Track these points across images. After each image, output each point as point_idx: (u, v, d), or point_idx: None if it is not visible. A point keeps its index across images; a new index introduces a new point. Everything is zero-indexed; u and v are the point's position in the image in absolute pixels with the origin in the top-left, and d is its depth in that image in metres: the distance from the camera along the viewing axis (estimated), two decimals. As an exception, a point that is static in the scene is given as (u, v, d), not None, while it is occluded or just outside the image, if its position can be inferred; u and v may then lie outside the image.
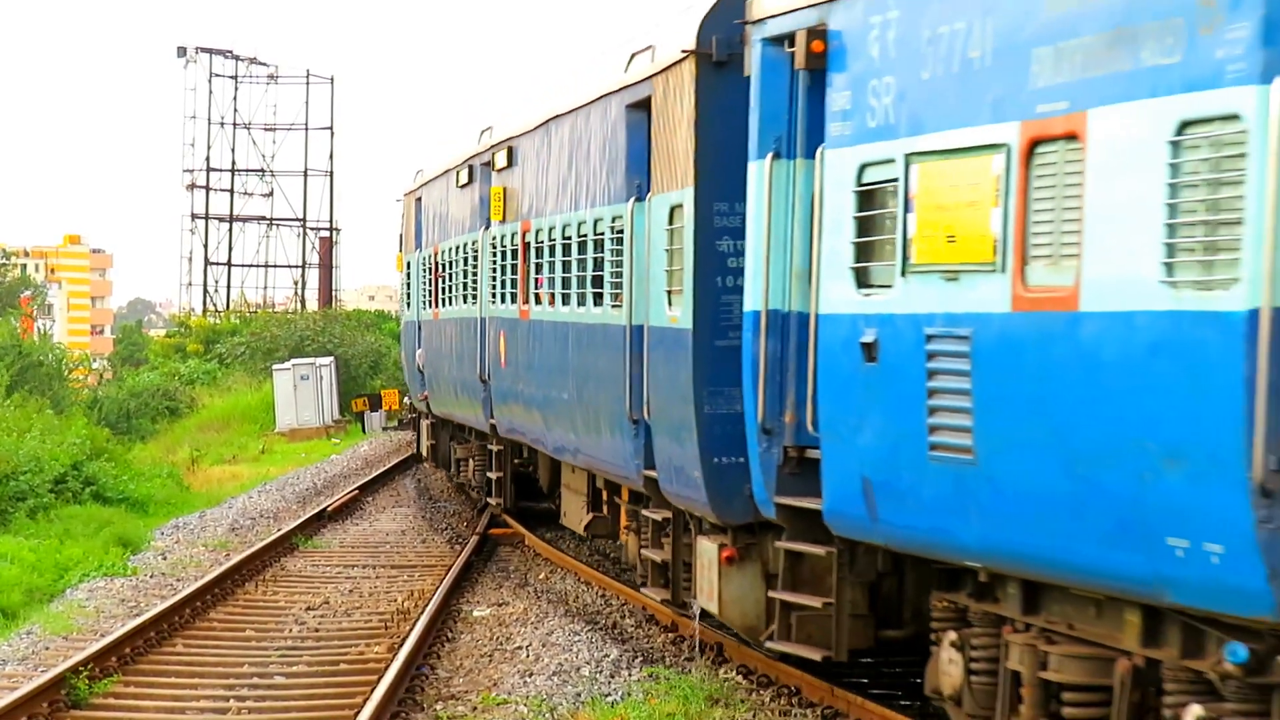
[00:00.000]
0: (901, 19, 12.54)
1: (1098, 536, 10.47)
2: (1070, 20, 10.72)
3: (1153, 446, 9.96)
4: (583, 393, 20.04)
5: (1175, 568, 9.86)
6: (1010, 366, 11.26)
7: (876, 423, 12.72)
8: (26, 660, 18.41)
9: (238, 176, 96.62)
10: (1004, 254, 11.30)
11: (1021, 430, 11.14)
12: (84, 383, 73.73)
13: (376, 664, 17.93)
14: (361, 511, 33.75)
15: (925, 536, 12.39)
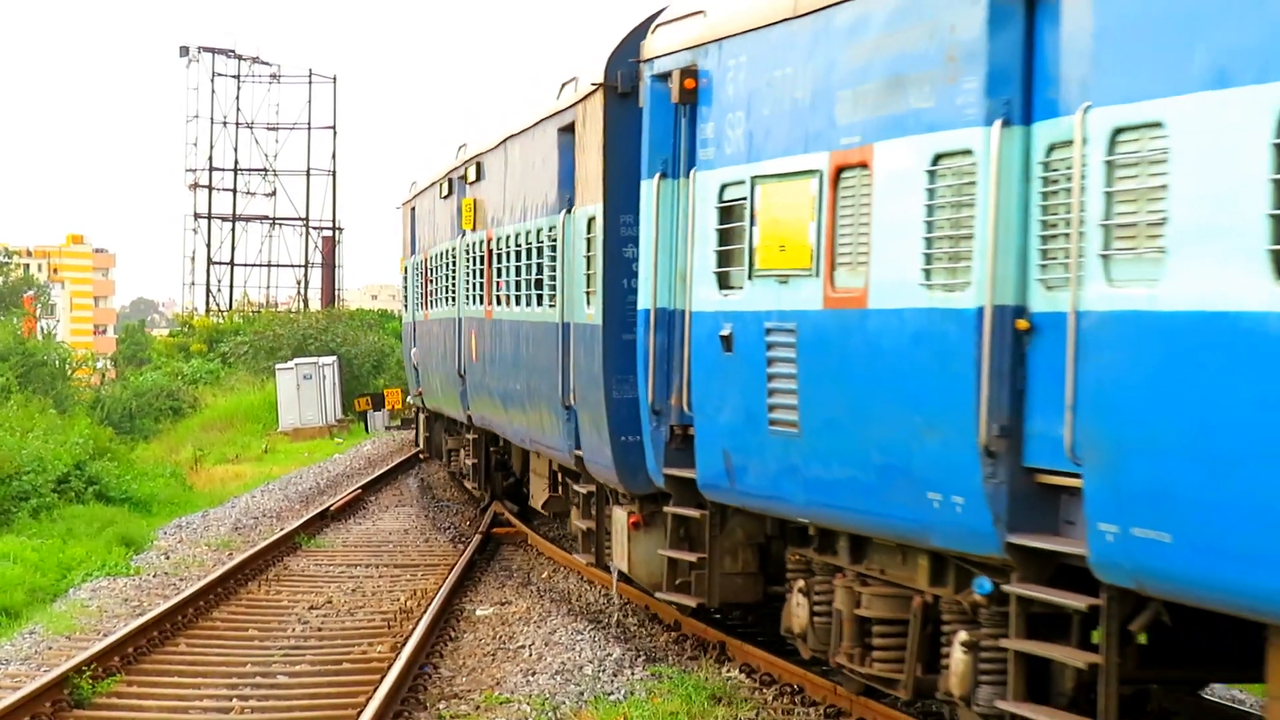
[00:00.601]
0: (749, 63, 15.03)
1: (885, 493, 12.88)
2: (863, 68, 13.09)
3: (917, 418, 12.34)
4: (531, 384, 22.35)
5: (934, 516, 12.29)
6: (822, 355, 13.69)
7: (732, 403, 15.16)
8: (29, 660, 18.42)
9: (240, 176, 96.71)
10: (818, 261, 13.75)
11: (830, 408, 13.59)
12: (87, 382, 73.78)
13: (379, 663, 17.93)
14: (364, 511, 33.75)
15: (768, 499, 14.92)
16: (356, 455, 47.51)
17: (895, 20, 12.72)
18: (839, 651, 14.30)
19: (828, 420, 13.63)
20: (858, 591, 13.96)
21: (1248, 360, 9.54)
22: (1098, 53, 10.73)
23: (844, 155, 13.44)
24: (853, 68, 13.28)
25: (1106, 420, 10.62)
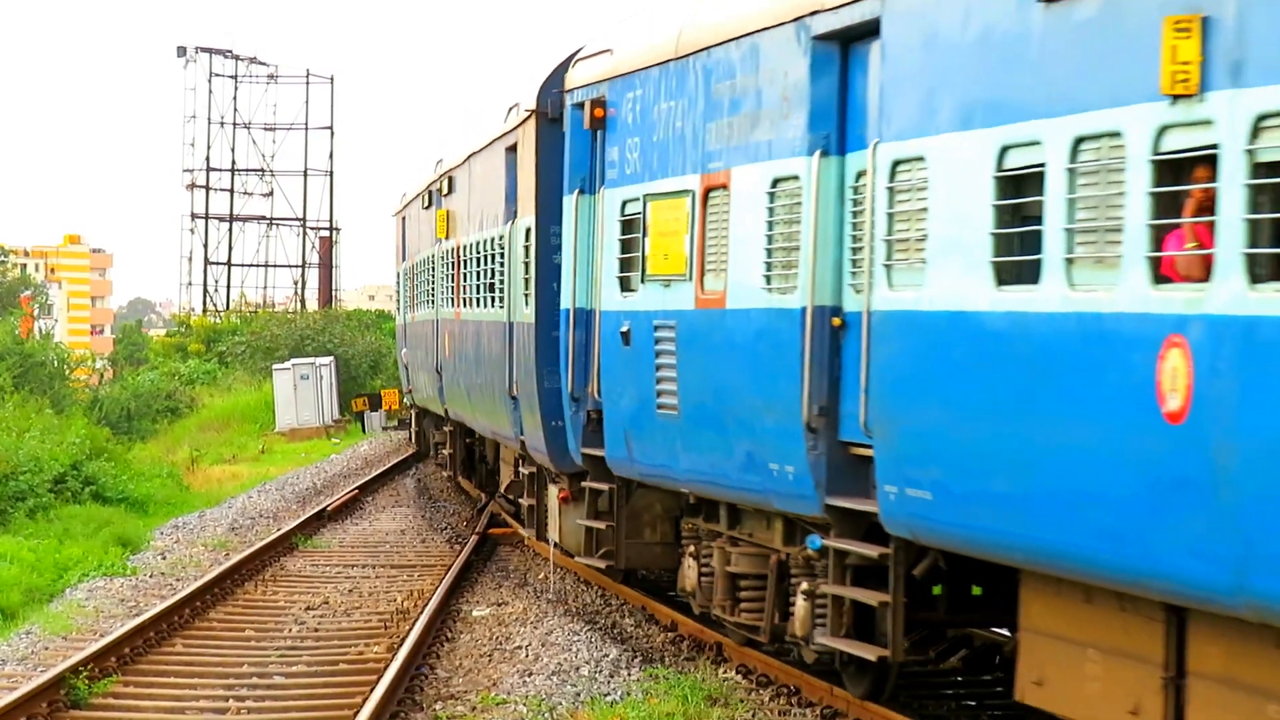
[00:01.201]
0: (643, 96, 17.49)
1: (741, 465, 15.29)
2: (726, 104, 15.61)
3: (761, 401, 14.83)
4: (488, 378, 24.86)
5: (775, 484, 14.70)
6: (694, 348, 16.20)
7: (631, 391, 17.61)
8: (26, 660, 18.42)
9: (238, 176, 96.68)
10: (691, 267, 16.23)
11: (700, 393, 16.07)
12: (85, 383, 73.75)
13: (376, 664, 17.93)
14: (361, 511, 33.77)
15: (658, 473, 17.40)
16: (353, 456, 47.52)
17: (747, 65, 15.25)
18: (716, 605, 16.65)
19: (699, 404, 16.16)
20: (729, 552, 16.44)
21: (976, 350, 11.97)
22: (884, 98, 13.21)
23: (711, 178, 15.97)
24: (718, 103, 15.81)
25: (886, 400, 13.10)
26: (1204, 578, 10.16)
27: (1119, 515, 10.76)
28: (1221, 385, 9.95)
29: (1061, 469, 11.25)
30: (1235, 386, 9.85)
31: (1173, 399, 10.26)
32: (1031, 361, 11.44)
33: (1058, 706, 12.18)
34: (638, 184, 17.52)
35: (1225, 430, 9.92)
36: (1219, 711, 10.70)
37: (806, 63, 14.27)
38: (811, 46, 14.25)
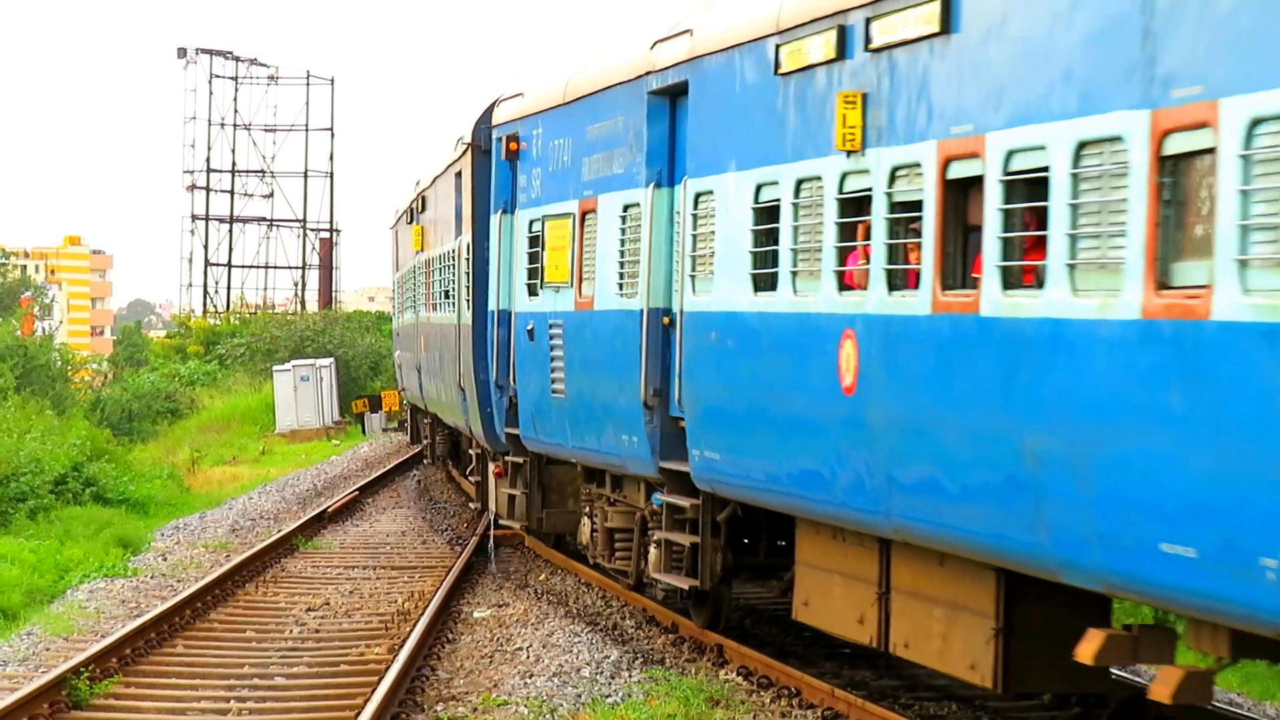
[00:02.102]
0: (543, 133, 21.38)
1: (606, 437, 18.86)
2: (595, 143, 19.36)
3: (616, 384, 18.37)
4: (446, 373, 28.80)
5: (627, 451, 18.32)
6: (574, 342, 19.91)
7: (534, 378, 21.36)
8: (27, 661, 18.42)
9: (238, 178, 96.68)
10: (573, 277, 19.91)
11: (579, 379, 19.76)
12: (87, 384, 73.78)
13: (377, 665, 17.93)
14: (362, 513, 33.77)
15: (555, 447, 21.09)
16: (354, 457, 47.53)
17: (609, 112, 18.95)
18: (600, 555, 20.33)
19: (579, 388, 19.82)
20: (608, 511, 19.88)
21: (741, 341, 15.66)
22: (690, 143, 16.85)
23: (585, 203, 19.67)
24: (591, 142, 19.51)
25: (691, 382, 16.79)
26: (867, 509, 13.66)
27: (825, 466, 14.20)
28: (874, 366, 13.42)
29: (791, 431, 14.85)
30: (881, 367, 13.32)
31: (847, 376, 13.84)
32: (772, 349, 15.11)
33: (817, 621, 15.67)
34: (539, 207, 21.37)
35: (876, 399, 13.40)
36: (908, 617, 14.10)
37: (645, 112, 17.94)
38: (648, 100, 17.91)
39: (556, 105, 20.83)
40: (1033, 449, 11.58)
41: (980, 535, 12.34)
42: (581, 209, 19.68)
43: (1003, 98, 12.01)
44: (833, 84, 13.97)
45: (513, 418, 22.56)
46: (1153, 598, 11.11)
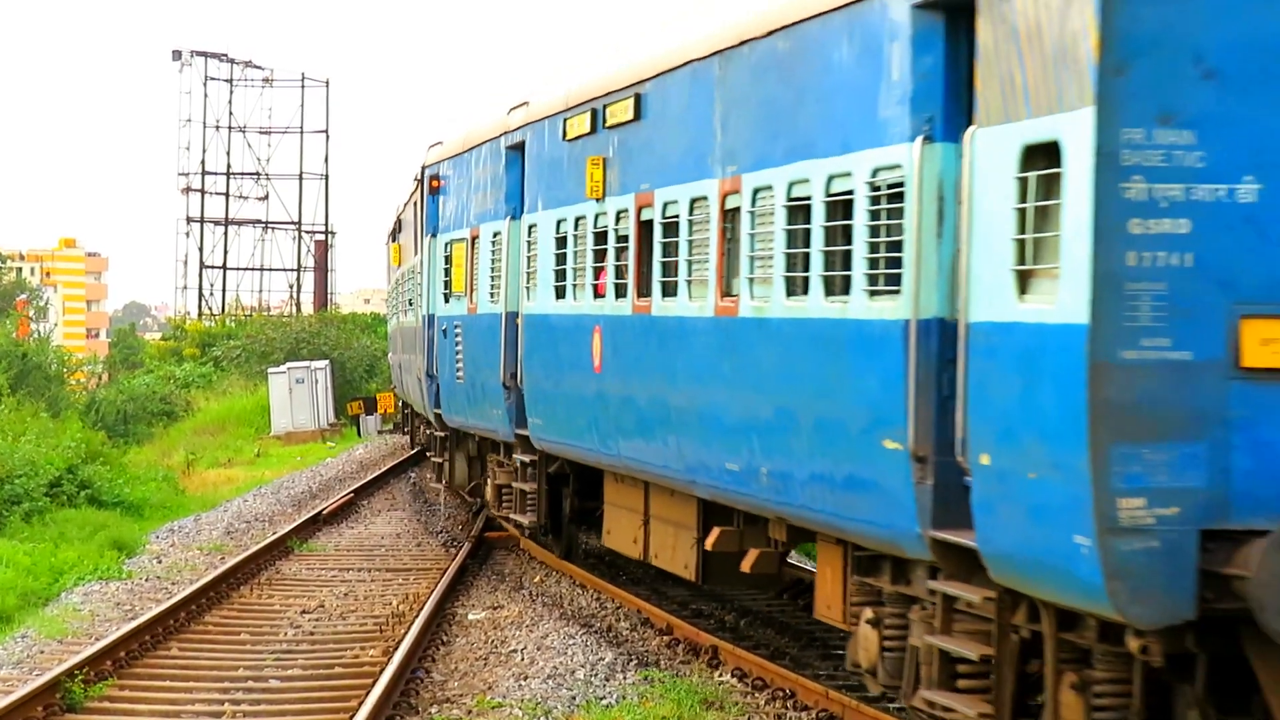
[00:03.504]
0: (453, 174, 26.99)
1: (486, 412, 24.27)
2: (479, 183, 24.82)
3: (488, 369, 23.76)
4: (411, 368, 33.54)
5: (496, 423, 23.76)
6: (468, 339, 25.35)
7: (447, 368, 27.00)
8: (21, 664, 18.40)
9: (233, 180, 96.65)
10: (467, 288, 25.55)
11: (471, 367, 25.13)
12: (84, 386, 73.72)
13: (371, 667, 17.93)
14: (357, 515, 33.76)
15: (462, 422, 26.73)
16: (349, 459, 47.50)
17: (485, 159, 24.50)
18: (497, 507, 25.27)
19: (471, 374, 25.17)
20: (497, 471, 24.82)
21: (547, 335, 20.96)
22: (526, 186, 22.23)
23: (473, 230, 25.09)
24: (476, 182, 25.04)
25: (526, 367, 21.84)
26: (606, 453, 19.17)
27: (592, 427, 19.44)
28: (608, 350, 18.66)
29: (572, 400, 20.20)
30: (611, 351, 18.59)
31: (596, 359, 19.02)
32: (563, 341, 20.38)
33: (614, 545, 20.60)
34: (449, 232, 26.98)
35: (609, 373, 18.62)
36: (657, 535, 18.93)
37: (503, 162, 23.32)
38: (505, 153, 23.21)
39: (459, 152, 26.49)
40: (671, 402, 16.92)
41: (656, 466, 17.61)
42: (471, 235, 25.28)
43: (659, 166, 17.46)
44: (588, 150, 19.45)
45: (439, 400, 28.26)
46: (728, 502, 16.10)
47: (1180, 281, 10.01)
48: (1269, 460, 10.04)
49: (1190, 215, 10.01)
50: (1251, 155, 10.00)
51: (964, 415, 11.37)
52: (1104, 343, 10.01)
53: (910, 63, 12.22)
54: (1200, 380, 10.04)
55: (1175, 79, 9.95)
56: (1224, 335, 10.05)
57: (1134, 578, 9.94)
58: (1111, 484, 9.99)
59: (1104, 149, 9.99)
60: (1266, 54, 9.98)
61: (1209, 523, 10.00)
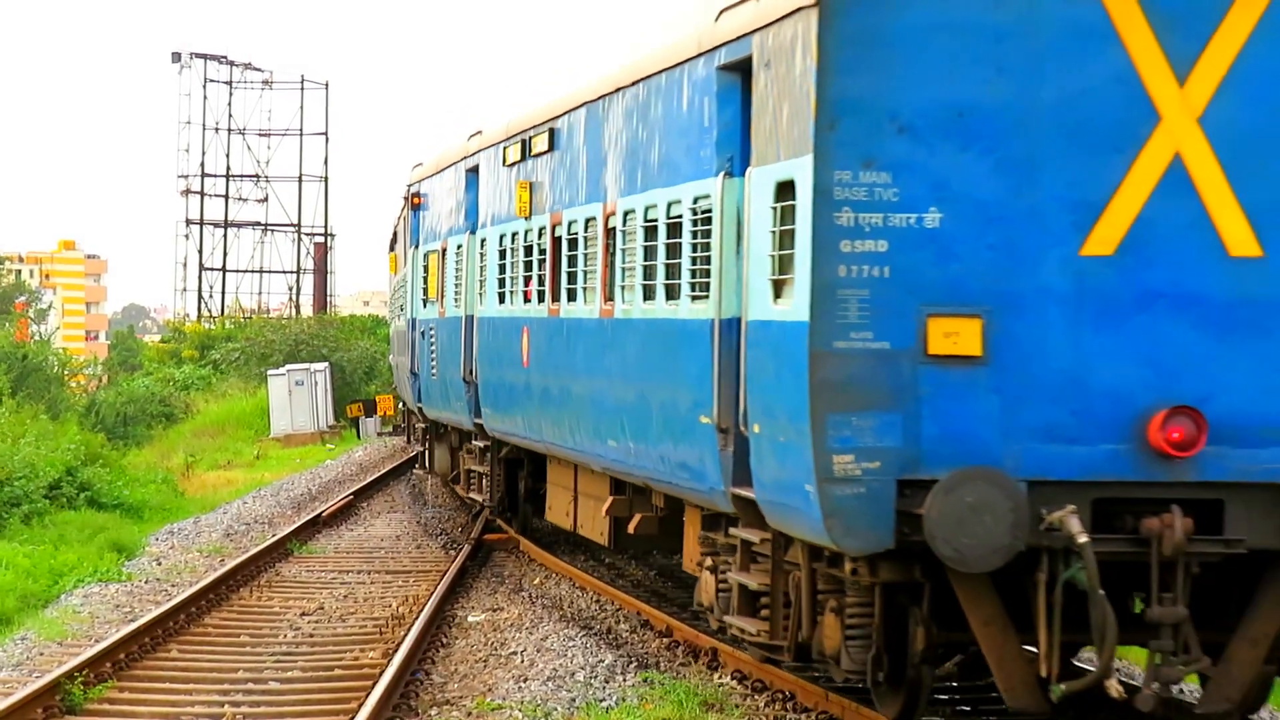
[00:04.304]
0: (430, 191, 30.15)
1: (449, 402, 27.64)
2: (447, 201, 27.99)
3: (451, 364, 26.77)
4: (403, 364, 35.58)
5: (460, 412, 26.45)
6: (439, 338, 28.41)
7: (425, 365, 30.25)
8: (21, 666, 18.40)
9: (232, 182, 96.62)
10: (440, 295, 28.32)
11: (441, 363, 28.13)
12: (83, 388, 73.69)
13: (371, 669, 17.93)
14: (356, 517, 33.76)
15: (437, 414, 29.88)
16: (348, 461, 47.51)
17: (450, 179, 27.87)
18: (466, 489, 28.94)
19: (441, 369, 28.21)
20: (462, 455, 28.85)
21: (491, 334, 24.14)
22: (481, 204, 25.26)
23: (443, 243, 28.23)
24: (445, 200, 28.43)
25: (479, 363, 25.10)
26: (533, 437, 22.24)
27: (524, 414, 22.57)
28: (533, 348, 21.72)
29: (511, 392, 23.22)
30: (534, 348, 21.66)
31: (524, 356, 22.12)
32: (502, 340, 23.51)
33: (554, 519, 23.36)
34: (427, 244, 30.11)
35: (536, 371, 21.64)
36: (583, 508, 21.41)
37: (464, 183, 26.43)
38: (465, 175, 26.37)
39: (433, 173, 29.61)
40: (574, 391, 19.77)
41: (569, 447, 20.46)
42: (442, 247, 28.20)
43: (566, 191, 20.37)
44: (519, 174, 22.54)
45: (420, 395, 31.48)
46: (615, 474, 19.11)
47: (880, 288, 12.75)
48: (948, 426, 12.80)
49: (887, 237, 12.76)
50: (934, 191, 12.79)
51: (745, 394, 14.39)
52: (821, 336, 12.78)
53: (716, 113, 15.27)
54: (896, 364, 12.78)
55: (875, 133, 12.78)
56: (914, 329, 12.77)
57: (845, 516, 12.75)
58: (828, 445, 12.75)
59: (820, 186, 12.78)
60: (945, 115, 12.83)
61: (904, 474, 12.74)
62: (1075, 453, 13.01)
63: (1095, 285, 13.08)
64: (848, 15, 12.97)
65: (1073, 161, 13.06)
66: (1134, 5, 13.13)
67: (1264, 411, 13.16)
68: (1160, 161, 13.16)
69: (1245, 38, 13.19)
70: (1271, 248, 13.19)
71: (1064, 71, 13.06)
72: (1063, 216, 13.06)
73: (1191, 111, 13.18)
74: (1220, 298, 13.17)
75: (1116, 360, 13.09)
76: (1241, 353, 13.20)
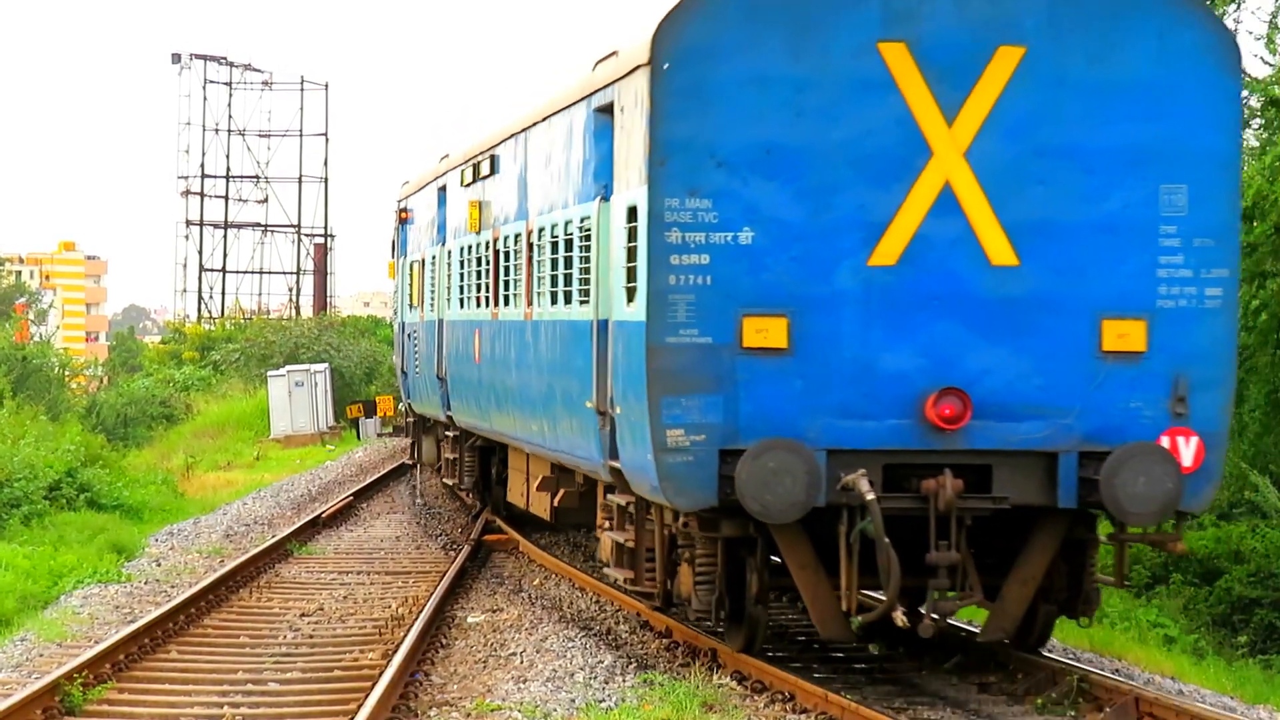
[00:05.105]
0: (417, 207, 32.39)
1: (428, 398, 31.12)
2: (424, 217, 31.39)
3: (429, 365, 30.20)
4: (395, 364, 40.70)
5: (435, 405, 30.31)
6: (420, 340, 31.53)
7: (410, 363, 33.35)
8: (21, 667, 18.40)
9: (232, 183, 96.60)
10: (420, 300, 31.67)
11: (420, 362, 31.49)
12: (83, 389, 73.67)
13: (371, 670, 17.92)
14: (356, 518, 33.76)
15: (421, 406, 32.79)
16: (348, 462, 47.51)
17: (425, 198, 30.96)
18: (444, 476, 32.62)
19: (420, 368, 31.44)
20: (438, 439, 32.30)
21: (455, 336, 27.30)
22: (447, 220, 28.00)
23: (422, 254, 31.47)
24: (422, 216, 31.56)
25: (447, 361, 28.01)
26: (485, 425, 25.29)
27: (478, 405, 25.30)
28: (485, 347, 24.20)
29: (469, 386, 25.96)
30: (485, 348, 24.15)
31: (477, 354, 24.82)
32: (461, 340, 26.23)
33: (512, 499, 25.94)
34: (411, 256, 33.27)
35: (486, 367, 24.13)
36: (534, 491, 23.22)
37: (436, 200, 29.55)
38: (437, 193, 29.28)
39: (415, 191, 32.62)
40: (509, 384, 22.67)
41: (508, 433, 23.41)
42: (422, 258, 31.44)
43: (504, 210, 23.35)
44: (472, 194, 25.39)
45: (409, 392, 34.62)
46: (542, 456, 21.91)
47: (703, 294, 15.72)
48: (761, 406, 15.72)
49: (709, 252, 15.72)
50: (747, 214, 15.74)
51: (611, 382, 17.24)
52: (656, 332, 15.78)
53: (594, 147, 18.22)
54: (718, 356, 15.74)
55: (698, 168, 15.70)
56: (732, 327, 15.73)
57: (677, 480, 15.73)
58: (662, 421, 15.73)
59: (654, 211, 15.76)
60: (755, 152, 15.75)
61: (725, 445, 15.68)
62: (866, 427, 15.88)
63: (880, 290, 15.94)
64: (674, 71, 15.84)
65: (861, 189, 15.91)
66: (909, 61, 15.95)
67: (1021, 392, 15.96)
68: (933, 188, 15.95)
69: (1002, 87, 16.02)
70: (1026, 258, 16.04)
71: (852, 115, 15.89)
72: (853, 234, 15.91)
73: (958, 147, 15.97)
74: (984, 299, 15.99)
75: (898, 351, 15.93)
76: (1001, 344, 16.00)
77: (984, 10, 16.04)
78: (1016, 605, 16.52)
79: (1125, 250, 16.20)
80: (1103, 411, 16.12)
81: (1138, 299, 16.18)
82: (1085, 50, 16.14)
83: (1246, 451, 32.31)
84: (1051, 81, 16.09)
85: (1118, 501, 15.79)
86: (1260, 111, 31.38)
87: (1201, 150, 16.34)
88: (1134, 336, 16.19)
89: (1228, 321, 16.42)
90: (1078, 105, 16.14)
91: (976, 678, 17.23)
